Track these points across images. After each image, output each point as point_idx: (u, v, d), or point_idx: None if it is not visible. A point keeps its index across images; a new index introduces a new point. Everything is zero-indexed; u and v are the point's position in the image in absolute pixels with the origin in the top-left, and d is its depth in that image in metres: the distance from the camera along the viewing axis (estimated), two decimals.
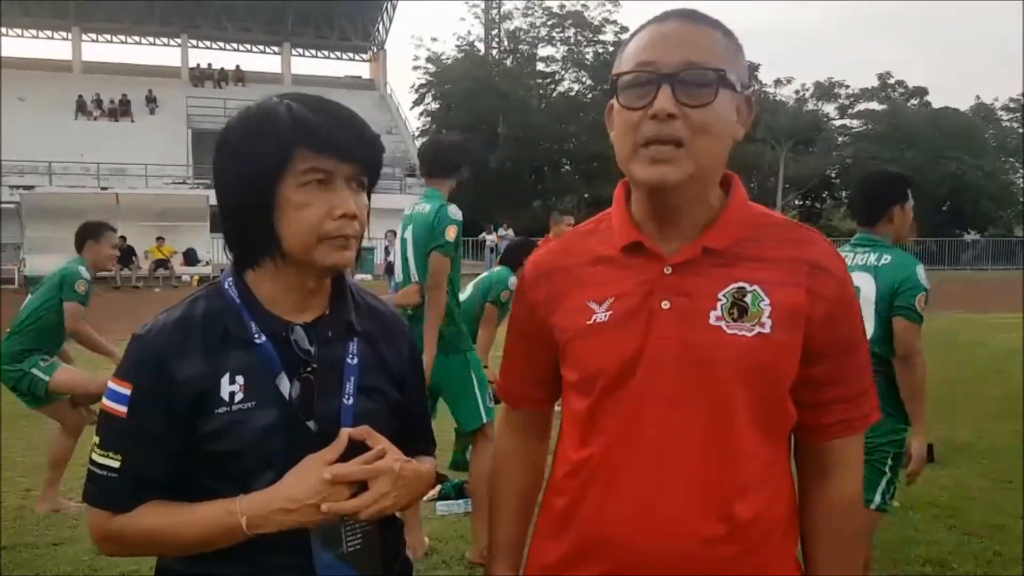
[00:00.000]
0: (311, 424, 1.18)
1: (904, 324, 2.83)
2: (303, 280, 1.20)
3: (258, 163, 1.13)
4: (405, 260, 3.81)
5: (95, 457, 1.16)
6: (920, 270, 2.91)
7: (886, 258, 2.94)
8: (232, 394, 1.15)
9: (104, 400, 1.17)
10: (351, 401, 1.21)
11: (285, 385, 1.17)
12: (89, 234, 4.69)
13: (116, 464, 1.14)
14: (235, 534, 1.12)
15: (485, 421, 3.80)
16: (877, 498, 2.92)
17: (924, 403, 2.88)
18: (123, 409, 1.14)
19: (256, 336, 1.17)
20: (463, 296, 4.72)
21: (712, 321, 1.13)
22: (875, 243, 3.00)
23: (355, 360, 1.23)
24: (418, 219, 3.76)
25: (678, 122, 1.10)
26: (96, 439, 1.17)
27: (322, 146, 1.13)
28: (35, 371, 4.32)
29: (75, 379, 4.45)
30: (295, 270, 1.19)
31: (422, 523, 3.94)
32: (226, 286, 1.21)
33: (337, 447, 1.16)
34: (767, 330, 1.12)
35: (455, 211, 3.69)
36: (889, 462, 2.94)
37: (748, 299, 1.14)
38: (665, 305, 1.15)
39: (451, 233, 3.66)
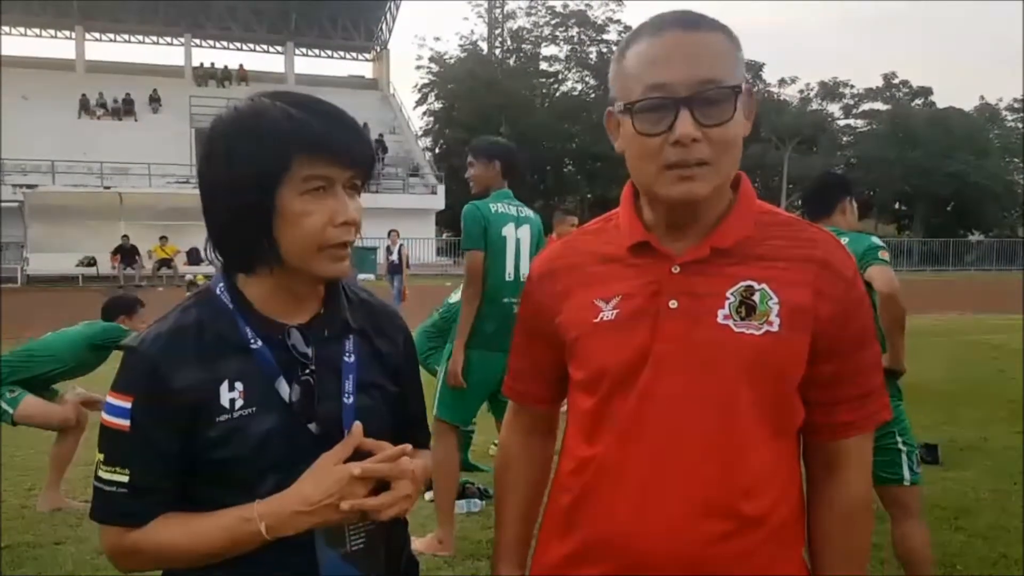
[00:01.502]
0: (312, 426, 1.16)
1: (878, 268, 3.02)
2: (297, 285, 1.19)
3: (257, 169, 1.10)
4: (518, 258, 3.86)
5: (102, 474, 1.14)
6: (875, 239, 3.15)
7: (844, 240, 3.13)
8: (232, 401, 1.13)
9: (104, 415, 1.15)
10: (351, 400, 1.20)
11: (284, 389, 1.16)
12: (123, 310, 4.60)
13: (124, 479, 1.12)
14: (253, 540, 1.11)
15: None
16: (906, 474, 3.03)
17: (904, 336, 3.07)
18: (125, 423, 1.12)
19: (252, 341, 1.16)
20: (453, 299, 4.99)
21: (720, 320, 1.13)
22: (834, 231, 3.17)
23: (352, 358, 1.22)
24: (534, 222, 3.97)
25: (701, 144, 1.09)
26: (100, 456, 1.15)
27: (323, 153, 1.11)
28: (2, 404, 4.22)
29: (38, 410, 4.32)
30: (290, 276, 1.17)
31: (423, 523, 3.93)
32: (217, 291, 1.19)
33: (350, 444, 1.15)
34: (775, 328, 1.12)
35: None
36: (899, 437, 3.05)
37: (756, 298, 1.13)
38: (672, 304, 1.14)
39: None
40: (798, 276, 1.14)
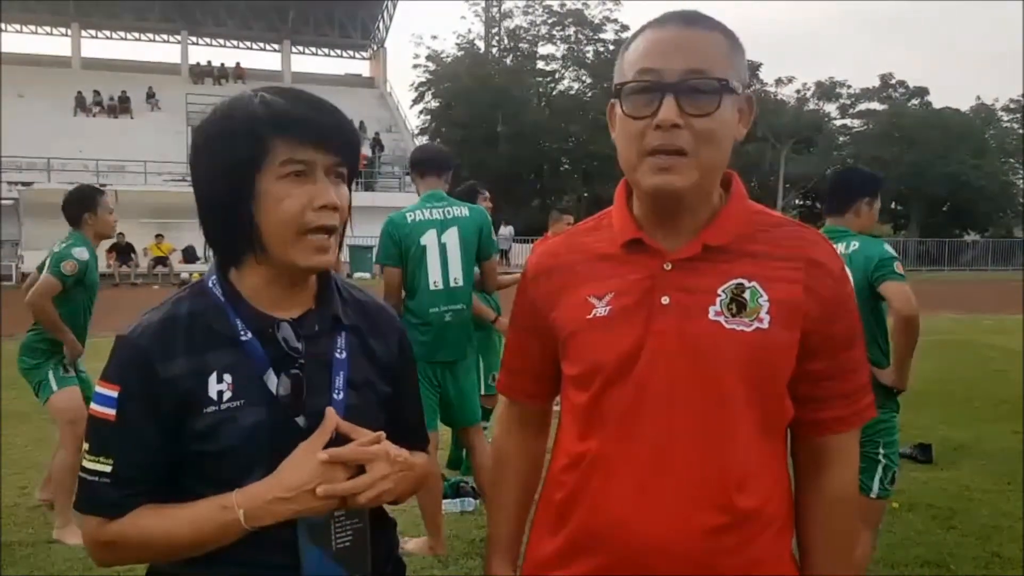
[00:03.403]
0: (300, 420, 1.16)
1: (896, 285, 2.89)
2: (287, 278, 1.19)
3: (234, 156, 1.11)
4: (446, 265, 3.70)
5: (86, 464, 1.14)
6: (887, 246, 3.01)
7: (854, 244, 3.04)
8: (220, 393, 1.13)
9: (92, 405, 1.15)
10: (341, 396, 1.20)
11: (273, 382, 1.16)
12: (84, 207, 4.16)
13: (107, 469, 1.12)
14: (232, 530, 1.11)
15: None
16: (875, 486, 2.96)
17: (912, 356, 2.95)
18: (111, 412, 1.12)
19: (242, 333, 1.16)
20: None
21: (711, 316, 1.14)
22: (842, 233, 3.09)
23: (344, 354, 1.22)
24: (467, 221, 3.77)
25: (683, 131, 1.10)
26: (86, 445, 1.15)
27: (299, 136, 1.12)
28: (51, 377, 4.05)
29: (70, 407, 4.03)
30: (278, 267, 1.17)
31: (417, 522, 3.93)
32: (210, 284, 1.20)
33: (326, 429, 1.15)
34: (765, 325, 1.13)
35: None
36: (882, 450, 2.98)
37: (747, 295, 1.14)
38: (665, 300, 1.16)
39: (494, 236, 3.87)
40: (788, 274, 1.16)
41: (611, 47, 40.83)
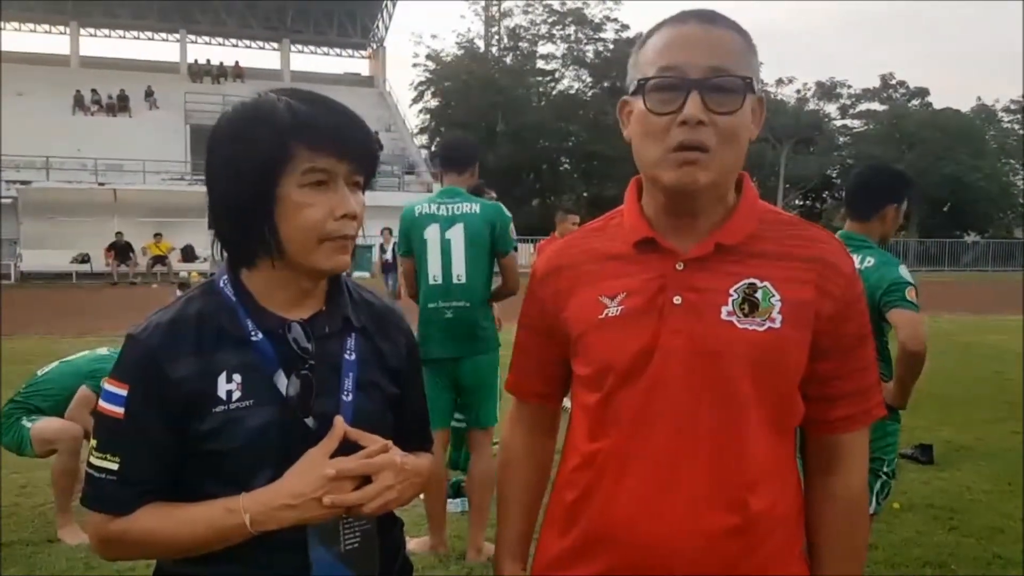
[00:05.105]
0: (309, 422, 1.16)
1: (908, 314, 2.69)
2: (299, 279, 1.19)
3: (258, 160, 1.11)
4: (448, 261, 3.63)
5: (93, 460, 1.14)
6: (903, 269, 2.82)
7: (869, 260, 2.83)
8: (230, 392, 1.13)
9: (100, 402, 1.15)
10: (350, 398, 1.20)
11: (283, 382, 1.16)
12: None
13: (114, 467, 1.12)
14: (237, 533, 1.10)
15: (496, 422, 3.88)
16: (874, 502, 2.88)
17: (914, 383, 2.81)
18: (120, 410, 1.12)
19: (253, 334, 1.16)
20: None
21: (724, 316, 1.14)
22: (859, 243, 2.88)
23: (353, 356, 1.22)
24: (471, 219, 3.66)
25: (707, 128, 1.10)
26: (94, 442, 1.15)
27: (324, 145, 1.12)
28: (24, 422, 4.02)
29: (51, 426, 3.99)
30: (292, 269, 1.17)
31: (419, 521, 3.93)
32: (221, 284, 1.20)
33: (334, 437, 1.15)
34: (777, 325, 1.13)
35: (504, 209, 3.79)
36: (886, 468, 2.91)
37: (759, 295, 1.14)
38: (677, 300, 1.16)
39: (513, 232, 3.74)
40: (800, 274, 1.16)
41: (611, 46, 40.81)
